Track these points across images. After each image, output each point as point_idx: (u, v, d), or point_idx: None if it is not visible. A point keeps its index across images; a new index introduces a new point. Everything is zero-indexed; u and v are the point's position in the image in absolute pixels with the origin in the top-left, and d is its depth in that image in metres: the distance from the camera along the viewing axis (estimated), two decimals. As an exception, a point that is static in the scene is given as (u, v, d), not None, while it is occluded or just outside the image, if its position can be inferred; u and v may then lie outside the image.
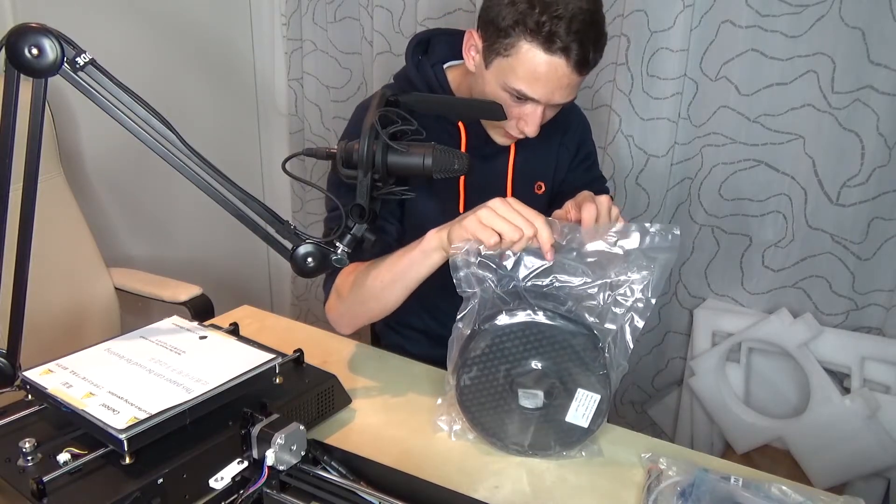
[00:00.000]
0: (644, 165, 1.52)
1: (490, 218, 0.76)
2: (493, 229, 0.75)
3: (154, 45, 1.76)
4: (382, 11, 1.79)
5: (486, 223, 0.76)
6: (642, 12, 1.42)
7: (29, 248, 0.66)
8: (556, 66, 0.86)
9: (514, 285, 0.76)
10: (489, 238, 0.75)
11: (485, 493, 0.72)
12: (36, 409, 0.71)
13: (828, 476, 1.42)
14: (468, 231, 0.77)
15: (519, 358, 0.75)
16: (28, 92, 0.61)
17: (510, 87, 0.90)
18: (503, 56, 0.89)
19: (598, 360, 0.74)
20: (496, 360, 0.76)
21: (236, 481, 0.65)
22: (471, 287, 0.76)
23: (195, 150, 0.68)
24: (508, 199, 0.77)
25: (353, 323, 0.99)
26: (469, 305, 0.76)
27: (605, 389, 0.74)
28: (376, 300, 0.91)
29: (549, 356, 0.74)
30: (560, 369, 0.74)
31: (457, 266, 0.76)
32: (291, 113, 2.11)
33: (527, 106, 0.93)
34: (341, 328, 1.01)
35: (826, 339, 1.42)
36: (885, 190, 1.32)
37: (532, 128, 0.94)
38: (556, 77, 0.87)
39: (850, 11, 1.25)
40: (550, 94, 0.90)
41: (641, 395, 1.76)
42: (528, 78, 0.88)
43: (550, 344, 0.74)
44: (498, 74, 0.91)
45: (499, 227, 0.75)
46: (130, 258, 1.81)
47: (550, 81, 0.88)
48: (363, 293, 0.92)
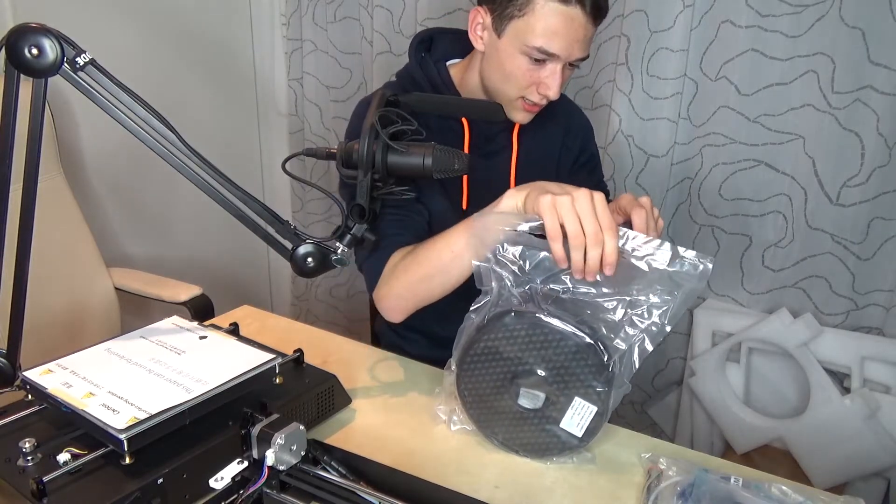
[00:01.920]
0: (644, 165, 1.53)
1: (565, 207, 0.70)
2: (560, 221, 0.70)
3: (154, 45, 1.76)
4: (382, 11, 1.79)
5: (559, 210, 0.70)
6: (642, 12, 1.42)
7: (29, 248, 0.66)
8: (572, 17, 0.87)
9: (531, 286, 0.75)
10: (553, 228, 0.70)
11: (485, 494, 0.72)
12: (36, 409, 0.71)
13: (828, 476, 1.42)
14: (538, 206, 0.71)
15: (522, 358, 0.75)
16: (28, 92, 0.61)
17: (529, 45, 0.90)
18: (518, 17, 0.89)
19: (602, 375, 0.73)
20: (499, 356, 0.75)
21: (236, 481, 0.65)
22: (489, 282, 0.76)
23: (195, 150, 0.68)
24: (595, 195, 0.70)
25: (410, 305, 0.92)
26: (485, 299, 0.76)
27: (602, 404, 0.74)
28: (442, 274, 0.86)
29: (553, 361, 0.74)
30: (561, 376, 0.74)
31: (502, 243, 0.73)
32: (291, 113, 2.11)
33: (546, 68, 0.93)
34: (395, 313, 0.94)
35: (826, 339, 1.42)
36: (885, 190, 1.32)
37: (554, 89, 0.94)
38: (574, 28, 0.88)
39: (850, 11, 1.25)
40: (570, 48, 0.90)
41: (641, 395, 1.76)
42: (546, 33, 0.89)
43: (555, 349, 0.73)
44: (514, 38, 0.91)
45: (568, 221, 0.69)
46: (130, 258, 1.81)
47: (569, 33, 0.89)
48: (427, 268, 0.87)
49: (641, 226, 0.76)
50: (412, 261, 0.89)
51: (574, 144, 1.15)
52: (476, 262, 0.76)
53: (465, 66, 1.06)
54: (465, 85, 1.05)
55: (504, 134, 1.07)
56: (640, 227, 0.76)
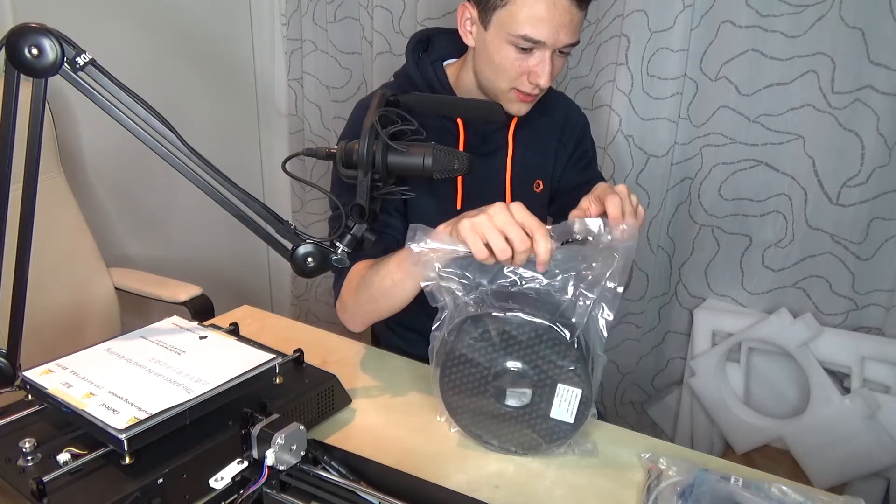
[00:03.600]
0: (644, 165, 1.53)
1: (484, 227, 0.72)
2: (484, 241, 0.72)
3: (154, 45, 1.76)
4: (382, 11, 1.79)
5: (479, 231, 0.72)
6: (642, 12, 1.42)
7: (29, 248, 0.66)
8: (556, 2, 0.87)
9: (481, 290, 0.76)
10: (479, 252, 0.72)
11: (485, 493, 0.72)
12: (36, 409, 0.71)
13: (828, 476, 1.42)
14: (459, 235, 0.73)
15: (493, 359, 0.75)
16: (28, 92, 0.61)
17: (514, 34, 0.90)
18: (501, 7, 0.90)
19: (571, 353, 0.73)
20: (470, 363, 0.76)
21: (236, 481, 0.65)
22: (441, 297, 0.77)
23: (195, 149, 0.68)
24: (511, 205, 0.73)
25: (364, 321, 0.97)
26: (443, 315, 0.77)
27: (584, 383, 0.74)
28: (386, 298, 0.89)
29: (521, 354, 0.74)
30: (536, 365, 0.74)
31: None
32: (291, 113, 2.11)
33: (533, 56, 0.93)
34: (353, 326, 0.99)
35: (826, 339, 1.42)
36: (885, 190, 1.32)
37: (545, 78, 0.93)
38: (559, 13, 0.88)
39: (850, 11, 1.25)
40: (556, 34, 0.90)
41: (641, 395, 1.76)
42: (530, 20, 0.88)
43: (518, 343, 0.74)
44: (499, 28, 0.91)
45: (492, 239, 0.71)
46: (130, 258, 1.81)
47: (553, 18, 0.88)
48: (372, 291, 0.90)
49: (616, 213, 0.77)
50: (362, 282, 0.91)
51: (569, 140, 1.15)
52: (423, 283, 0.77)
53: (460, 65, 1.06)
54: (461, 84, 1.05)
55: (499, 133, 1.07)
56: (615, 215, 0.77)
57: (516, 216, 0.72)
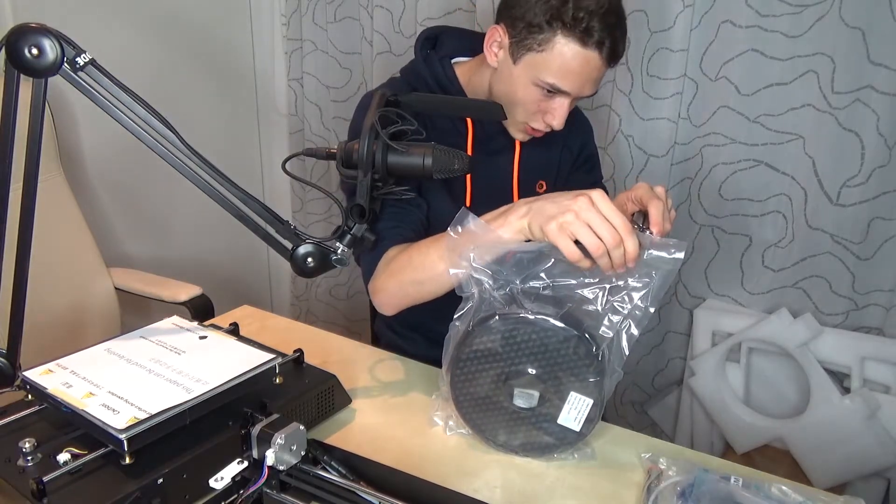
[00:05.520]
0: (644, 165, 1.53)
1: (575, 225, 0.68)
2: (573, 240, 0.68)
3: (154, 45, 1.76)
4: (382, 11, 1.79)
5: (567, 231, 0.68)
6: (642, 12, 1.42)
7: (29, 248, 0.66)
8: (589, 60, 0.88)
9: (511, 287, 0.75)
10: (572, 254, 0.68)
11: (485, 494, 0.72)
12: (36, 409, 0.71)
13: (828, 476, 1.42)
14: (548, 237, 0.69)
15: (512, 359, 0.75)
16: (28, 92, 0.61)
17: (543, 81, 0.91)
18: (536, 51, 0.90)
19: (593, 366, 0.73)
20: (489, 360, 0.76)
21: (236, 481, 0.65)
22: (469, 288, 0.76)
23: (195, 149, 0.68)
24: (595, 197, 0.69)
25: (402, 304, 0.92)
26: (467, 305, 0.76)
27: (598, 394, 0.74)
28: (433, 282, 0.85)
29: (543, 359, 0.74)
30: (553, 372, 0.74)
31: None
32: (291, 113, 2.11)
33: (555, 100, 0.94)
34: (388, 309, 0.93)
35: (826, 339, 1.42)
36: (885, 190, 1.32)
37: (559, 121, 0.95)
38: (589, 70, 0.89)
39: (850, 11, 1.25)
40: (581, 87, 0.91)
41: (641, 395, 1.76)
42: (561, 72, 0.89)
43: (544, 346, 0.73)
44: (529, 70, 0.92)
45: (584, 237, 0.67)
46: (130, 258, 1.81)
47: (582, 74, 0.90)
48: (419, 275, 0.86)
49: (658, 218, 0.76)
50: (407, 262, 0.88)
51: (574, 144, 1.16)
52: (454, 271, 0.76)
53: (473, 68, 1.05)
54: (473, 86, 1.05)
55: (507, 132, 1.07)
56: (657, 220, 0.76)
57: (604, 211, 0.68)
